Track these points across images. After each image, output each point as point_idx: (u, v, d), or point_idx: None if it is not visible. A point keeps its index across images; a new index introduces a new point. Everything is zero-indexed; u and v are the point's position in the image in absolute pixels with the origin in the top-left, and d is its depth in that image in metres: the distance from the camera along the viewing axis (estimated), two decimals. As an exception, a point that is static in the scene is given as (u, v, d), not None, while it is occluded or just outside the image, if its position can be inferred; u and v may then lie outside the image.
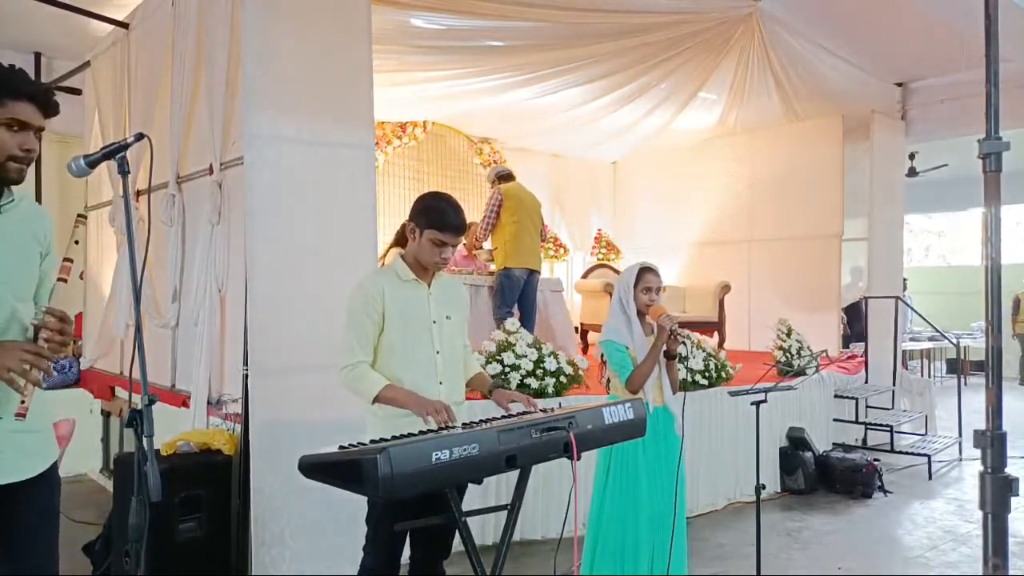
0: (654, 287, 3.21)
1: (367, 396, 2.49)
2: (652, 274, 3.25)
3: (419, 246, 2.57)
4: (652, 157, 9.54)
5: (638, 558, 3.10)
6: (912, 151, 9.04)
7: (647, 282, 3.21)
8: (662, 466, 3.19)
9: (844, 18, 5.86)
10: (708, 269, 8.69)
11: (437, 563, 2.66)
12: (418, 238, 2.57)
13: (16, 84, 1.87)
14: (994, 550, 1.70)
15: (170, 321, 4.24)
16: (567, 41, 5.75)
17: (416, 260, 2.61)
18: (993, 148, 1.72)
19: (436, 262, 2.57)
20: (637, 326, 3.22)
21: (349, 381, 2.52)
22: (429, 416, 2.34)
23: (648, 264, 3.30)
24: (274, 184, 3.36)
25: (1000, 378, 1.76)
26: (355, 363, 2.50)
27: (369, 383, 2.48)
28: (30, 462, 1.94)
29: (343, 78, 3.62)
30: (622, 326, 3.22)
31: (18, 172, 1.89)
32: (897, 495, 5.54)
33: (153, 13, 4.54)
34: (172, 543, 3.27)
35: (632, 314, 3.23)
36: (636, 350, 3.18)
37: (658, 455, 3.17)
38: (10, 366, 1.77)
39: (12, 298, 1.90)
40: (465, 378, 2.79)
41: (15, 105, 1.84)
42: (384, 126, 7.75)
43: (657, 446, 3.16)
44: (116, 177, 4.63)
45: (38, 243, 2.00)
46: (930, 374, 11.66)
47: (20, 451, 1.90)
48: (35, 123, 1.89)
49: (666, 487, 3.16)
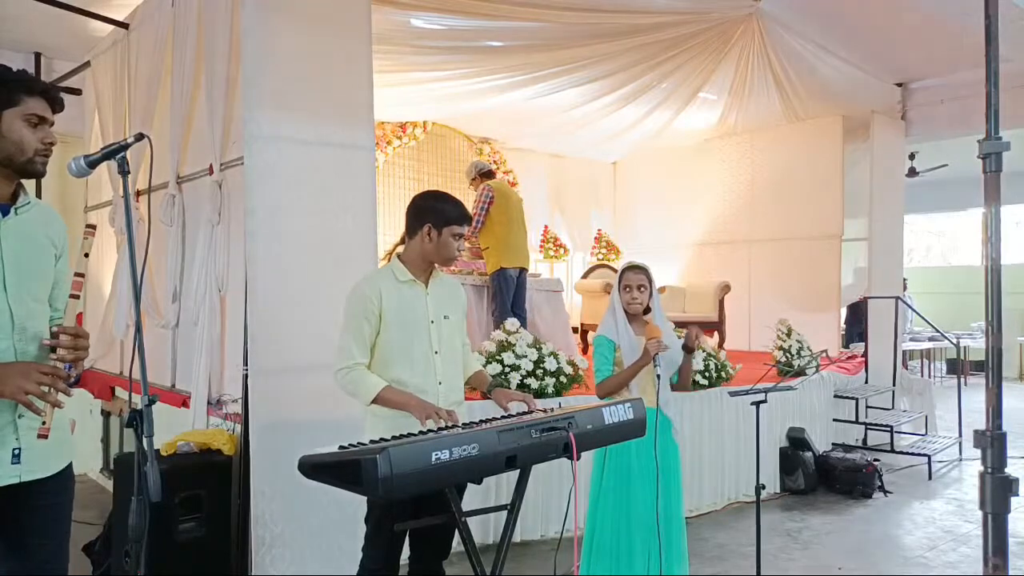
0: (633, 284, 3.23)
1: (365, 398, 2.49)
2: (633, 272, 3.26)
3: (439, 244, 2.60)
4: (652, 157, 9.54)
5: (632, 559, 3.10)
6: (912, 151, 9.06)
7: (627, 280, 3.25)
8: (655, 467, 3.18)
9: (844, 18, 5.86)
10: (708, 269, 8.70)
11: (437, 563, 2.67)
12: (437, 237, 2.60)
13: (30, 82, 1.94)
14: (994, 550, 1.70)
15: (170, 321, 4.24)
16: (567, 41, 5.75)
17: (425, 259, 2.63)
18: (993, 148, 1.72)
19: (456, 256, 2.66)
20: (624, 324, 3.25)
21: (346, 383, 2.52)
22: (428, 420, 2.33)
23: (634, 263, 3.32)
24: (274, 184, 3.36)
25: (1000, 378, 1.76)
26: (352, 365, 2.51)
27: (367, 385, 2.48)
28: (46, 461, 1.96)
29: (343, 78, 3.62)
30: (613, 323, 3.27)
31: (44, 165, 1.96)
32: (897, 495, 5.54)
33: (153, 13, 4.54)
34: (172, 543, 3.27)
35: (619, 313, 3.26)
36: (623, 349, 3.21)
37: (652, 456, 3.17)
38: (28, 389, 1.79)
39: (30, 299, 1.93)
40: (464, 377, 2.79)
41: (32, 101, 1.90)
42: (384, 126, 7.75)
43: (650, 447, 3.15)
44: (116, 177, 4.63)
45: (53, 245, 2.03)
46: (930, 374, 11.66)
47: (37, 450, 1.91)
48: (50, 118, 1.96)
49: (660, 488, 3.16)
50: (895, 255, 7.73)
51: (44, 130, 1.94)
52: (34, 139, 1.90)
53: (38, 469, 1.92)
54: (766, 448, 5.47)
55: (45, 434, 1.84)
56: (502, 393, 2.68)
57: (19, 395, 1.79)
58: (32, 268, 1.95)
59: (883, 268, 7.50)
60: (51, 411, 1.84)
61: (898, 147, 7.80)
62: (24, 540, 1.94)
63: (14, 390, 1.78)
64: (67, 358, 1.89)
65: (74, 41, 5.66)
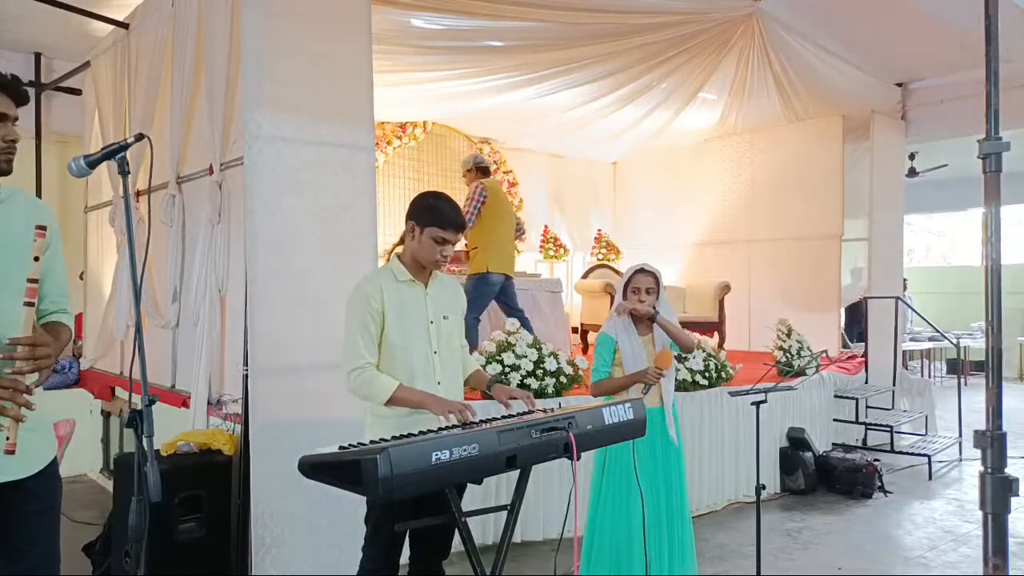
0: (642, 288, 3.25)
1: (379, 399, 2.44)
2: (641, 275, 3.28)
3: (420, 244, 2.56)
4: (652, 157, 9.54)
5: (632, 559, 3.10)
6: (912, 151, 9.05)
7: (635, 283, 3.27)
8: (656, 467, 3.19)
9: (844, 18, 5.86)
10: (708, 269, 8.69)
11: (437, 564, 2.66)
12: (418, 236, 2.56)
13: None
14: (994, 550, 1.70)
15: (170, 321, 4.24)
16: (567, 41, 5.75)
17: (414, 260, 2.60)
18: (993, 148, 1.72)
19: (437, 260, 2.57)
20: (627, 325, 3.27)
21: (358, 386, 2.47)
22: (451, 415, 2.30)
23: (643, 266, 3.33)
24: (274, 184, 3.35)
25: (1000, 378, 1.76)
26: (363, 365, 2.46)
27: (379, 387, 2.44)
28: (26, 461, 1.92)
29: (343, 78, 3.62)
30: (617, 323, 3.28)
31: (8, 163, 1.91)
32: (897, 495, 5.54)
33: (153, 13, 4.54)
34: (172, 543, 3.27)
35: (624, 314, 3.27)
36: (623, 349, 3.23)
37: (653, 456, 3.18)
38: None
39: (5, 290, 1.86)
40: (463, 377, 2.78)
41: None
42: (384, 126, 7.75)
43: (652, 447, 3.16)
44: (116, 177, 4.64)
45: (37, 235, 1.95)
46: (930, 374, 11.65)
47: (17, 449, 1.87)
48: (12, 114, 1.90)
49: (661, 488, 3.17)
50: (895, 255, 7.73)
51: (6, 127, 1.87)
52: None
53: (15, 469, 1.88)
54: (766, 448, 5.47)
55: (11, 450, 1.76)
56: (502, 389, 2.66)
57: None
58: (9, 259, 1.88)
59: (883, 268, 7.49)
60: (15, 425, 1.77)
61: (898, 147, 7.80)
62: (9, 542, 1.91)
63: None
64: (24, 369, 1.81)
65: (74, 41, 5.66)
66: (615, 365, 3.28)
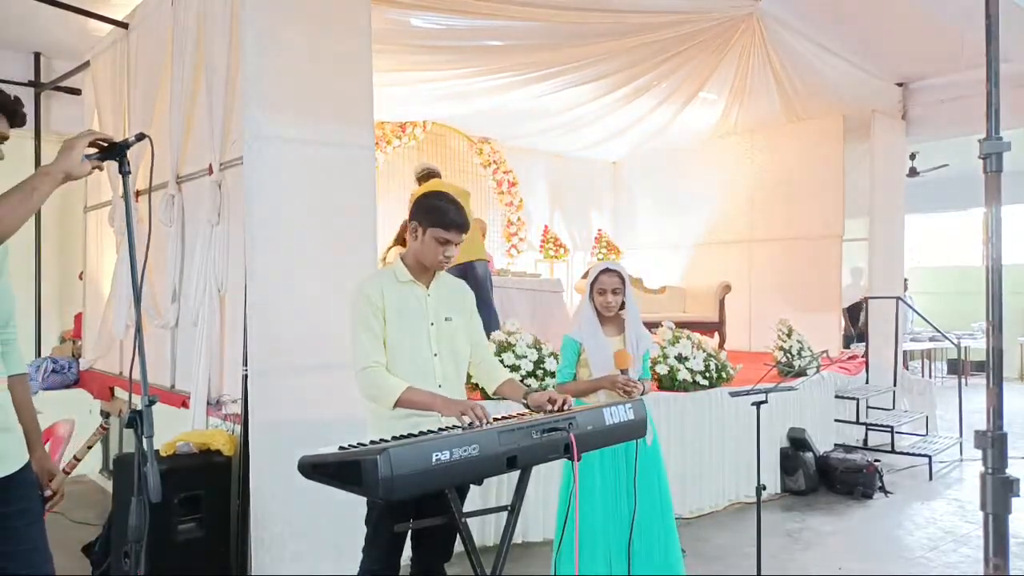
0: (608, 288, 3.18)
1: (387, 402, 2.40)
2: (607, 275, 3.20)
3: (422, 245, 2.54)
4: (652, 157, 9.54)
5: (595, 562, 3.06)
6: (912, 151, 9.05)
7: (601, 284, 3.20)
8: (621, 467, 3.14)
9: (844, 18, 5.86)
10: (709, 269, 8.69)
11: (438, 566, 2.64)
12: (421, 237, 2.54)
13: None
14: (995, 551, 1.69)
15: (170, 321, 4.24)
16: (567, 41, 5.75)
17: (417, 260, 2.58)
18: (994, 148, 1.72)
19: (439, 261, 2.54)
20: (594, 325, 3.22)
21: (367, 386, 2.44)
22: (464, 416, 2.24)
23: (608, 265, 3.26)
24: (274, 184, 3.35)
25: (1001, 378, 1.75)
26: (372, 364, 2.43)
27: (387, 389, 2.40)
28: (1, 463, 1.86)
29: (343, 78, 3.62)
30: (583, 324, 3.24)
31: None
32: (898, 496, 5.53)
33: (153, 13, 4.54)
34: (172, 543, 3.27)
35: (589, 313, 3.23)
36: (589, 349, 3.19)
37: (615, 455, 3.11)
38: None
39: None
40: (491, 383, 2.71)
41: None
42: (384, 126, 7.76)
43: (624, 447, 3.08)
44: (116, 177, 4.63)
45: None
46: (931, 374, 11.66)
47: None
48: (3, 132, 1.88)
49: (629, 488, 3.12)
50: (896, 255, 7.72)
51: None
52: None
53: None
54: (766, 448, 5.46)
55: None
56: (539, 396, 2.50)
57: None
58: None
59: (884, 268, 7.49)
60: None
61: (899, 147, 7.80)
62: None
63: None
64: None
65: (74, 41, 5.67)
66: (581, 366, 3.24)
